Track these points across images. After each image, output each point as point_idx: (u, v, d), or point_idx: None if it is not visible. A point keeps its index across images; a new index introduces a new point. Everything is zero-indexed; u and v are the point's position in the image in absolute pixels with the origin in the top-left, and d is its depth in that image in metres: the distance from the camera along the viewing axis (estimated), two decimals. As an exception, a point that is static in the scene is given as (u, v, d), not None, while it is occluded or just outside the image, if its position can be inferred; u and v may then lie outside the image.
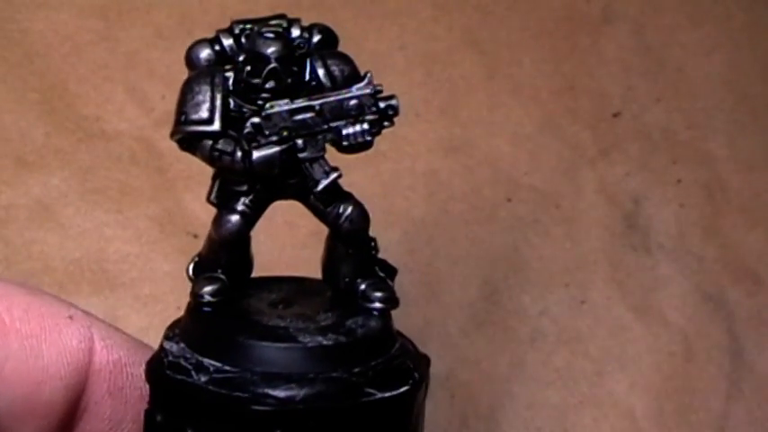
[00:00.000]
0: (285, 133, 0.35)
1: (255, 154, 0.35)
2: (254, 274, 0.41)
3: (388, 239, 0.65)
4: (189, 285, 0.38)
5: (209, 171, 0.66)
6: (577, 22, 0.75)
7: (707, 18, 0.77)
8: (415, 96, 0.70)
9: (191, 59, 0.37)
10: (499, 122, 0.71)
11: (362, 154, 0.36)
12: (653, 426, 0.62)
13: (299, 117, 0.35)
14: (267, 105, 0.35)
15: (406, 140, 0.69)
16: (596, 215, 0.68)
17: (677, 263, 0.67)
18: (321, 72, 0.36)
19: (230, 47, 0.36)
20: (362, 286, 0.37)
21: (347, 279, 0.38)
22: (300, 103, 0.35)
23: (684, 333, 0.65)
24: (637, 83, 0.73)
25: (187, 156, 0.71)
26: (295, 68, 0.36)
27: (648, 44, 0.75)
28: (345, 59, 0.37)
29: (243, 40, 0.36)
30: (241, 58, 0.35)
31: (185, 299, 0.62)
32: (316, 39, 0.37)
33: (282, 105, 0.35)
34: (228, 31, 0.37)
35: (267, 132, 0.35)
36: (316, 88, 0.36)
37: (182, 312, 0.61)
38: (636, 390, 0.63)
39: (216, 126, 0.35)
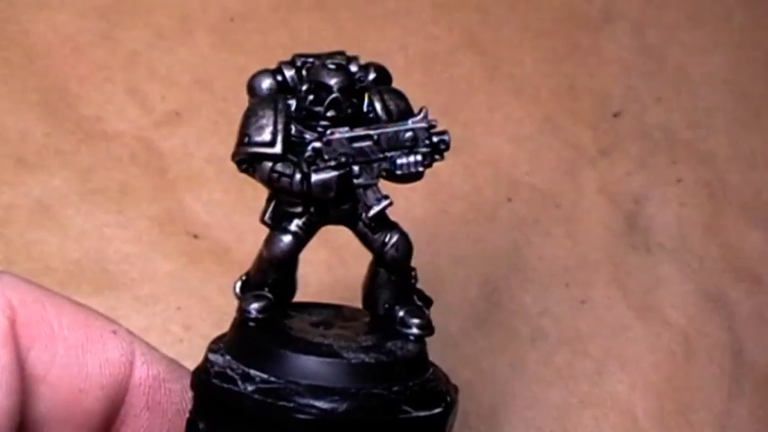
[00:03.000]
0: (343, 159, 0.37)
1: (314, 177, 0.36)
2: None
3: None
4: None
5: (209, 171, 0.66)
6: (578, 22, 0.75)
7: (707, 17, 0.77)
8: (415, 97, 0.70)
9: (253, 88, 0.39)
10: (500, 122, 0.71)
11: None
12: (654, 425, 0.62)
13: (358, 144, 0.37)
14: (328, 132, 0.37)
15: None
16: (597, 215, 0.68)
17: (678, 262, 0.67)
18: (378, 105, 0.38)
19: (291, 77, 0.39)
20: (401, 313, 0.39)
21: (387, 305, 0.40)
22: (360, 131, 0.37)
23: (685, 332, 0.65)
24: (637, 82, 0.73)
25: (187, 156, 0.71)
26: (354, 100, 0.38)
27: (649, 44, 0.75)
28: (401, 96, 0.39)
29: (304, 71, 0.38)
30: (304, 87, 0.38)
31: (185, 299, 0.62)
32: (372, 75, 0.39)
33: (343, 132, 0.37)
34: (290, 63, 0.39)
35: (327, 157, 0.37)
36: (373, 120, 0.38)
37: (182, 312, 0.62)
38: (637, 389, 0.63)
39: (278, 149, 0.37)
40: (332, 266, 0.64)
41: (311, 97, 0.37)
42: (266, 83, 0.39)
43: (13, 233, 0.63)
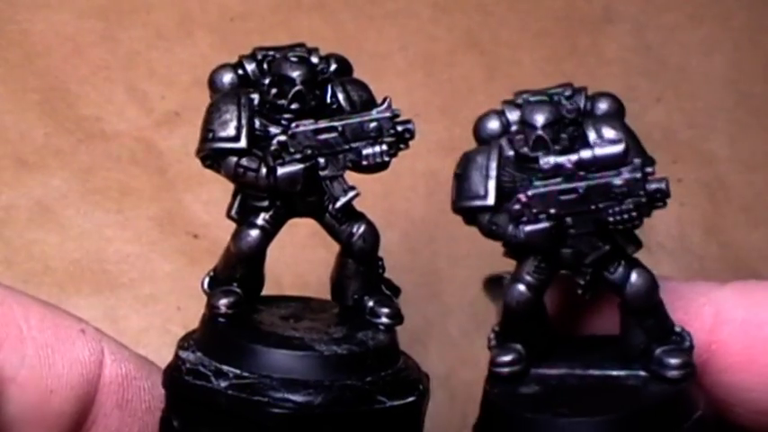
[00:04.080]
0: (309, 151, 0.36)
1: (280, 170, 0.36)
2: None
3: (388, 240, 0.65)
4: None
5: (209, 172, 0.66)
6: (578, 22, 0.75)
7: (707, 17, 0.77)
8: (415, 97, 0.70)
9: (214, 83, 0.40)
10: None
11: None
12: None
13: (323, 137, 0.37)
14: (293, 125, 0.36)
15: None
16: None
17: (678, 262, 0.67)
18: (341, 96, 0.38)
19: (253, 71, 0.39)
20: (370, 303, 0.39)
21: (356, 296, 0.40)
22: (324, 123, 0.36)
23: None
24: (637, 82, 0.73)
25: (187, 156, 0.71)
26: (317, 92, 0.37)
27: (649, 44, 0.75)
28: (363, 86, 0.39)
29: (265, 65, 0.38)
30: (267, 81, 0.37)
31: (185, 299, 0.62)
32: (333, 66, 0.39)
33: (307, 125, 0.36)
34: (251, 57, 0.39)
35: (292, 150, 0.36)
36: (336, 111, 0.38)
37: (182, 312, 0.62)
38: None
39: (242, 143, 0.37)
40: (331, 266, 0.64)
41: (274, 90, 0.37)
42: (227, 77, 0.39)
43: (13, 233, 0.63)
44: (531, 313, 0.37)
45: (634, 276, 0.36)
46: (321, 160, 0.37)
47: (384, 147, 0.37)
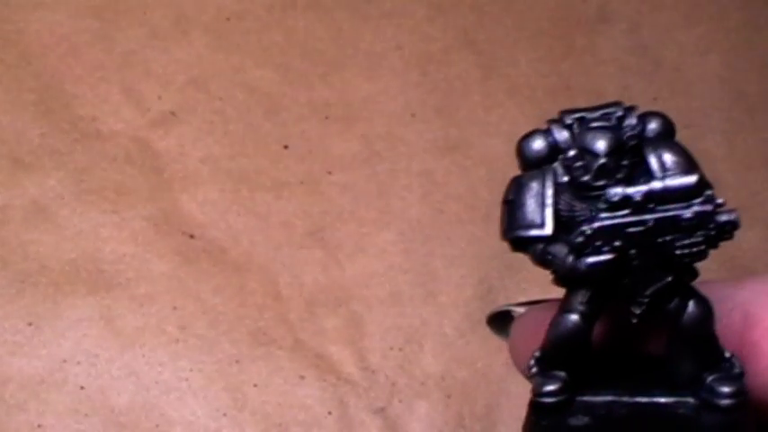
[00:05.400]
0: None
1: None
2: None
3: (383, 239, 0.65)
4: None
5: (205, 171, 0.66)
6: (573, 22, 0.75)
7: (703, 17, 0.77)
8: (410, 96, 0.70)
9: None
10: (495, 122, 0.71)
11: (357, 153, 0.36)
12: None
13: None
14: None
15: (402, 141, 0.69)
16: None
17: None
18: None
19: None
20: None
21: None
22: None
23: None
24: (633, 82, 0.73)
25: (183, 156, 0.71)
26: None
27: (644, 43, 0.75)
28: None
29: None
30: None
31: (181, 299, 0.62)
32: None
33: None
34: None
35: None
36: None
37: (177, 312, 0.62)
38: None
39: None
40: (327, 266, 0.64)
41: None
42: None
43: (9, 233, 0.63)
44: (581, 343, 0.36)
45: (691, 306, 0.35)
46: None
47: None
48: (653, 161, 0.34)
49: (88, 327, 0.61)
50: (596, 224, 0.33)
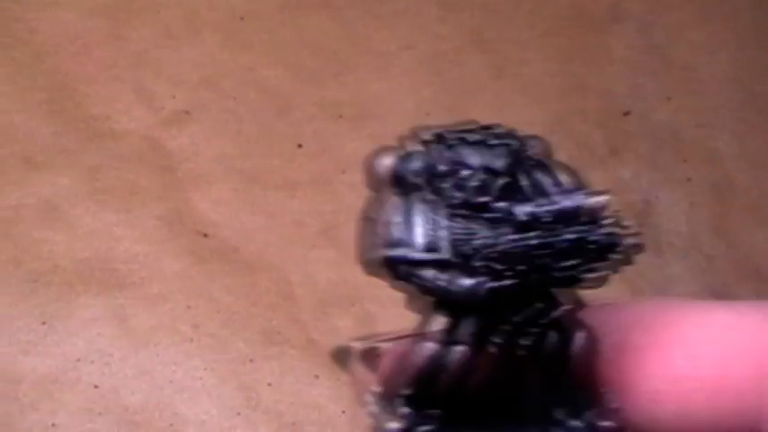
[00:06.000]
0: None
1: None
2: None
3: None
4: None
5: (217, 170, 0.66)
6: (585, 22, 0.75)
7: (714, 16, 0.77)
8: (422, 96, 0.70)
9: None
10: (507, 122, 0.70)
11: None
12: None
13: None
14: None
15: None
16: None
17: (687, 262, 0.67)
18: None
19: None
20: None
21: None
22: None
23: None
24: (645, 81, 0.73)
25: (196, 155, 0.71)
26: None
27: (656, 43, 0.75)
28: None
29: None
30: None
31: (194, 298, 0.62)
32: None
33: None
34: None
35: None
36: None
37: (191, 311, 0.62)
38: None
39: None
40: (340, 266, 0.64)
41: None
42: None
43: (21, 232, 0.63)
44: (464, 377, 0.33)
45: (579, 336, 0.32)
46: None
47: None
48: (548, 181, 0.32)
49: (101, 326, 0.61)
50: (501, 246, 0.30)
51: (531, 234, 0.30)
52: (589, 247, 0.31)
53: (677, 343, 0.34)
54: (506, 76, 0.72)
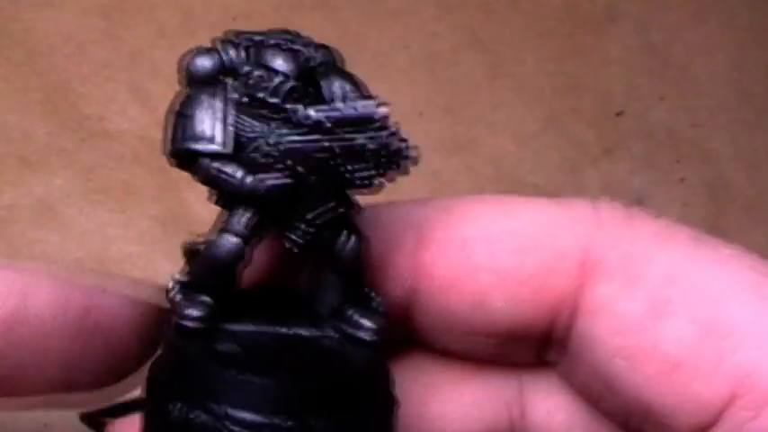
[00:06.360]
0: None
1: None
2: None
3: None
4: None
5: (211, 170, 0.66)
6: (581, 21, 0.75)
7: (711, 16, 0.77)
8: (417, 95, 0.70)
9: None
10: (502, 121, 0.71)
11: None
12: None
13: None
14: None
15: (410, 139, 0.68)
16: (600, 214, 0.68)
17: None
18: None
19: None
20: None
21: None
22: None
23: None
24: (640, 81, 0.73)
25: (190, 155, 0.70)
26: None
27: (652, 43, 0.75)
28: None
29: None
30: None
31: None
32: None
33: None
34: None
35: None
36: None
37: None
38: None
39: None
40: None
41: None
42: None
43: (15, 232, 0.63)
44: (235, 267, 0.34)
45: (353, 240, 0.34)
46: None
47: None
48: (332, 88, 0.33)
49: (95, 326, 0.61)
50: (282, 146, 0.32)
51: (314, 137, 0.31)
52: (379, 152, 0.32)
53: (476, 236, 0.35)
54: (502, 76, 0.72)
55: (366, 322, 0.34)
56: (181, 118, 0.34)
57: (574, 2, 0.75)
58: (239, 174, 0.32)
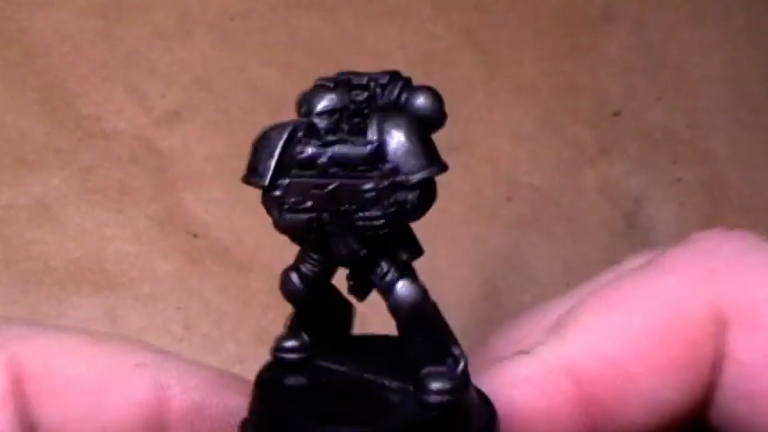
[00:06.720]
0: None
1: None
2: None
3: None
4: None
5: (209, 170, 0.66)
6: (577, 21, 0.75)
7: (707, 16, 0.77)
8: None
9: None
10: (499, 122, 0.71)
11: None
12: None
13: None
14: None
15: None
16: (597, 214, 0.68)
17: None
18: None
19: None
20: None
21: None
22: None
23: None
24: (637, 81, 0.73)
25: (187, 155, 0.71)
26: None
27: (649, 43, 0.75)
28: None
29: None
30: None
31: (185, 298, 0.62)
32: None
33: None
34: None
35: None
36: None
37: (182, 312, 0.62)
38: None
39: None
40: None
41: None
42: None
43: (13, 232, 0.62)
44: (310, 304, 0.35)
45: (399, 286, 0.34)
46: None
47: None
48: (371, 130, 0.33)
49: (92, 326, 0.61)
50: (286, 180, 0.33)
51: (307, 173, 0.32)
52: (388, 202, 0.32)
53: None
54: (498, 76, 0.72)
55: (433, 384, 0.33)
56: (252, 151, 0.34)
57: (570, 2, 0.75)
58: (273, 208, 0.33)
